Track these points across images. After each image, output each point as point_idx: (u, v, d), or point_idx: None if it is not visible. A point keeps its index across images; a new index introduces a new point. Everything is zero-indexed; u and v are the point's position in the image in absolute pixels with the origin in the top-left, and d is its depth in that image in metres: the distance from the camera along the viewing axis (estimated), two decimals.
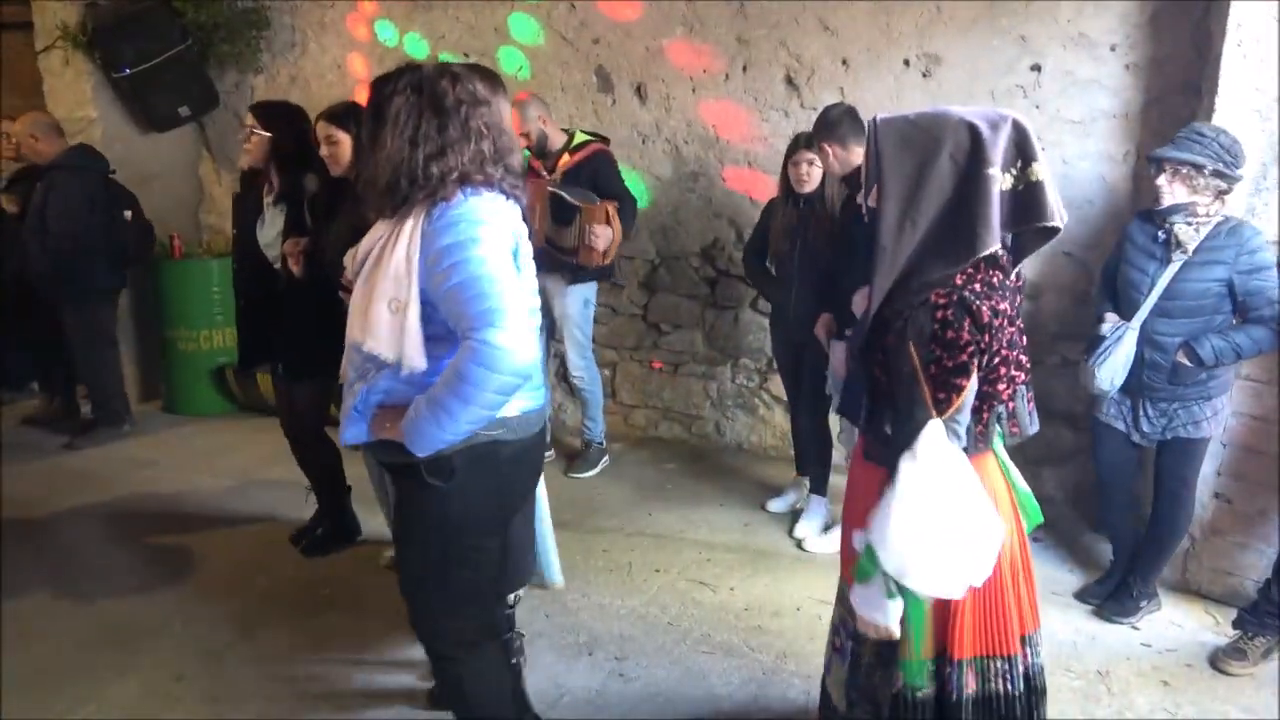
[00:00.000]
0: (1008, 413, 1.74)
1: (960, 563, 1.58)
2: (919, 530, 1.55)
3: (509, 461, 1.88)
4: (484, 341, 1.64)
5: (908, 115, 1.66)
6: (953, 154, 1.60)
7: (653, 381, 4.75)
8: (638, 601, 3.14)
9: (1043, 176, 1.63)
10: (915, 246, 1.62)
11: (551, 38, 4.53)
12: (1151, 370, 2.80)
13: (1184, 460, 2.87)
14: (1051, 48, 3.63)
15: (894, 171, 1.64)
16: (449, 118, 1.75)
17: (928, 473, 1.56)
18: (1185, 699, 2.64)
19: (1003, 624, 1.76)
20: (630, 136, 4.46)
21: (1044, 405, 3.87)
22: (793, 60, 4.09)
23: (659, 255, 4.58)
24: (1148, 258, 2.80)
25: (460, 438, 1.74)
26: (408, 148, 1.73)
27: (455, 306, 1.68)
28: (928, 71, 3.85)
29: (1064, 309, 3.83)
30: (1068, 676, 2.73)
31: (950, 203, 1.61)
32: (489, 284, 1.66)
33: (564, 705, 2.58)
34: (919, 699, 1.78)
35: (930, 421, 1.59)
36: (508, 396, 1.72)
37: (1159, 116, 3.53)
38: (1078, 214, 3.74)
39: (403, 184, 1.73)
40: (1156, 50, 3.50)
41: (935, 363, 1.61)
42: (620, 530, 3.71)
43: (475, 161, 1.76)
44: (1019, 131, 1.63)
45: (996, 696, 1.78)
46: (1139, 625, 2.99)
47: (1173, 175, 2.68)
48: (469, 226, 1.69)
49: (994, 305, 1.64)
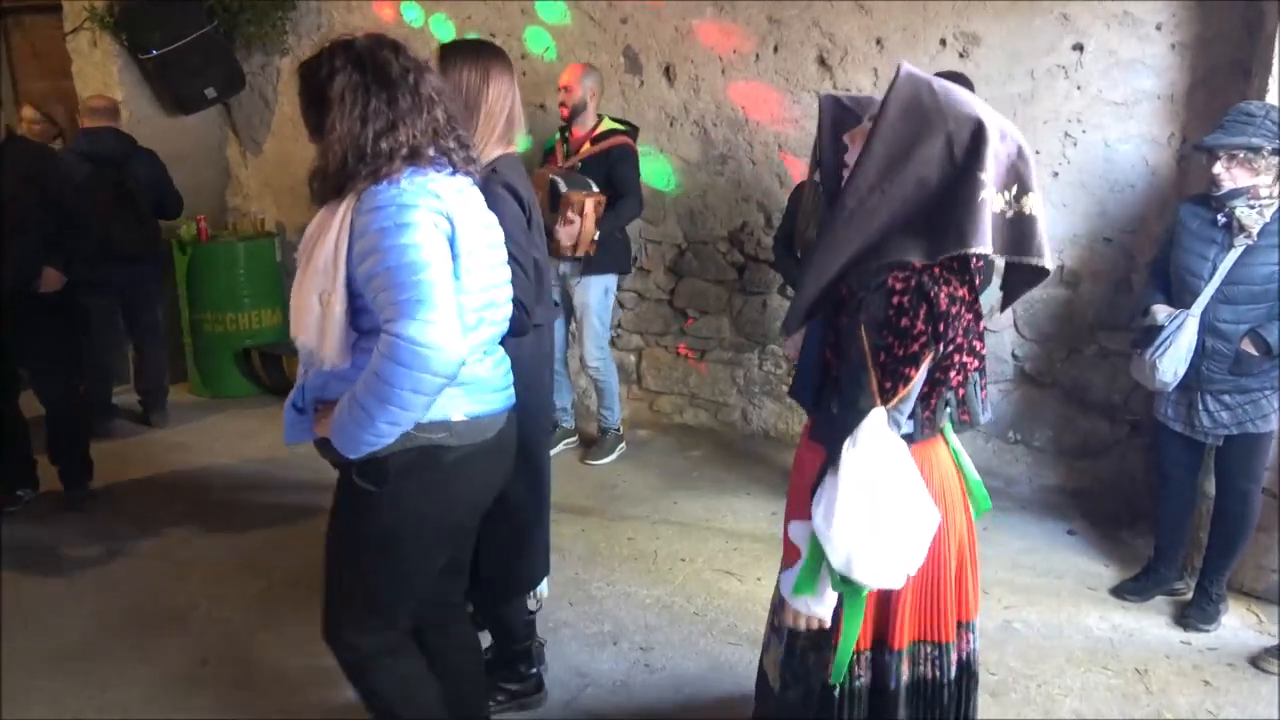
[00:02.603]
0: (957, 400, 1.67)
1: (900, 552, 1.53)
2: (863, 522, 1.50)
3: (453, 470, 1.72)
4: (398, 335, 1.51)
5: (932, 82, 1.56)
6: (950, 142, 1.51)
7: (679, 368, 4.70)
8: (663, 591, 3.11)
9: (1037, 212, 1.56)
10: (883, 221, 1.53)
11: (579, 18, 4.46)
12: (1212, 360, 2.69)
13: (1252, 456, 2.77)
14: (1095, 26, 3.52)
15: (887, 132, 1.54)
16: (397, 88, 1.64)
17: (868, 462, 1.51)
18: (1227, 700, 2.56)
19: (940, 611, 1.73)
20: (658, 118, 4.39)
21: (1080, 397, 3.82)
22: (825, 40, 4.00)
23: (686, 240, 4.51)
24: (1207, 243, 2.70)
25: (385, 440, 1.60)
26: (359, 126, 1.60)
27: (377, 296, 1.56)
28: (965, 52, 3.75)
29: (1102, 297, 3.72)
30: (1105, 674, 2.66)
31: (933, 191, 1.52)
32: (409, 273, 1.53)
33: (588, 695, 2.55)
34: (856, 688, 1.75)
35: (873, 410, 1.54)
36: (429, 397, 1.57)
37: (1205, 98, 3.42)
38: (1118, 198, 3.64)
39: (351, 164, 1.60)
40: (1204, 29, 3.38)
41: (885, 350, 1.55)
42: (645, 518, 3.67)
43: (428, 133, 1.65)
44: (1023, 158, 1.56)
45: (926, 682, 1.75)
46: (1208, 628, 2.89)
47: (1229, 160, 2.58)
48: (397, 211, 1.56)
49: (952, 291, 1.56)
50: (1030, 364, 3.91)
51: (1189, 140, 3.48)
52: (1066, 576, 3.23)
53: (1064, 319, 3.81)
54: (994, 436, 4.03)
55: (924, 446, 1.68)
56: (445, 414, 1.69)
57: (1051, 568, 3.29)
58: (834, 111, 1.71)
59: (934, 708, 1.77)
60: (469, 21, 4.71)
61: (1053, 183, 3.71)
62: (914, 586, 1.69)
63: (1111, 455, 3.83)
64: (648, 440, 4.52)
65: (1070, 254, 3.75)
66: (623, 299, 4.57)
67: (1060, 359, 3.85)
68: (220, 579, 3.14)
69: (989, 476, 3.98)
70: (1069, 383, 3.85)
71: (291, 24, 5.27)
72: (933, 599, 1.73)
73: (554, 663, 2.60)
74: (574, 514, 3.65)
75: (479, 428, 1.76)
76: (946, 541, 1.70)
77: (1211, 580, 2.90)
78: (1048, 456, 3.96)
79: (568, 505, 3.64)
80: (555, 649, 2.67)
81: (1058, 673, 2.67)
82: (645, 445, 4.45)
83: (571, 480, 3.95)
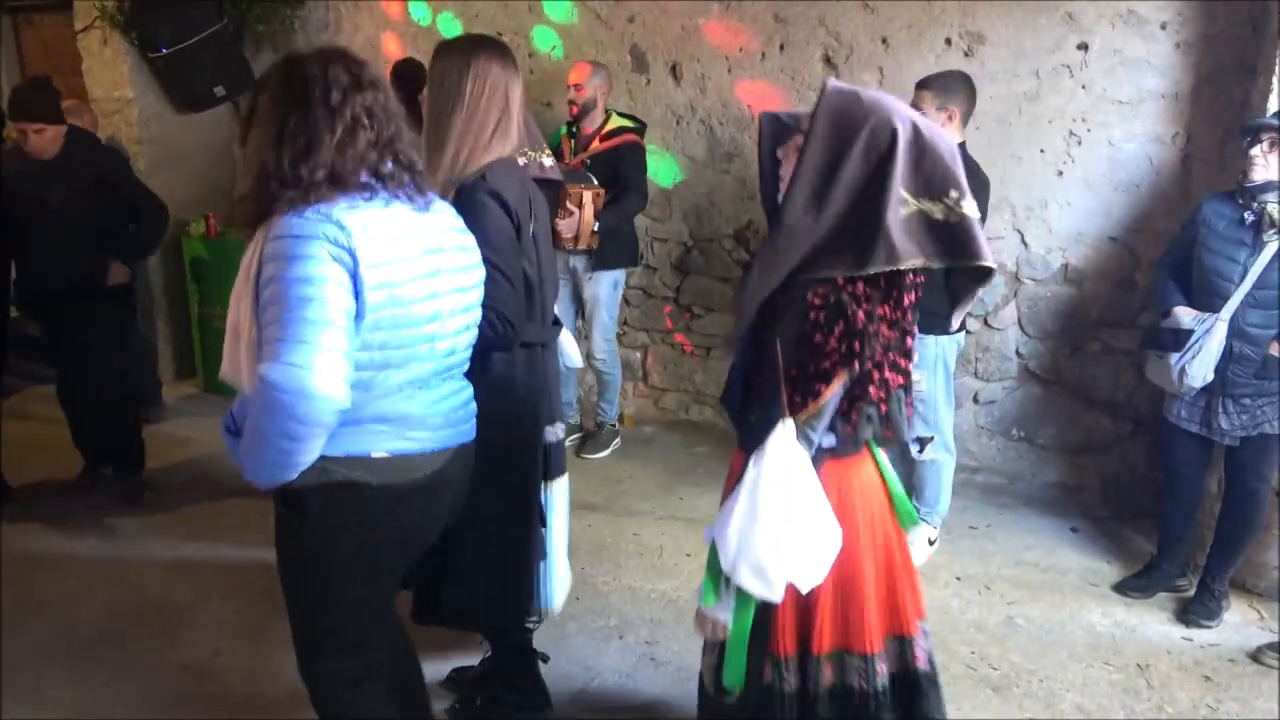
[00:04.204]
0: (879, 416, 1.65)
1: (787, 566, 1.53)
2: (751, 529, 1.52)
3: (373, 508, 1.64)
4: (262, 379, 1.44)
5: (860, 93, 1.58)
6: (866, 150, 1.52)
7: (684, 365, 4.72)
8: (668, 585, 3.13)
9: (973, 213, 1.55)
10: (816, 238, 1.54)
11: (585, 16, 4.48)
12: (1238, 364, 2.67)
13: (1264, 457, 2.77)
14: (1100, 25, 3.53)
15: (816, 146, 1.55)
16: (314, 109, 1.53)
17: (770, 473, 1.52)
18: (1228, 695, 2.58)
19: (861, 622, 1.72)
20: (664, 117, 4.41)
21: (1084, 393, 3.84)
22: (831, 39, 4.02)
23: (692, 237, 4.54)
24: (1235, 244, 2.66)
25: (288, 473, 1.54)
26: (270, 148, 1.53)
27: (262, 331, 1.50)
28: (970, 50, 3.76)
29: (1106, 295, 3.74)
30: (1107, 670, 2.68)
31: (858, 203, 1.53)
32: (289, 308, 1.44)
33: (594, 688, 2.58)
34: (785, 693, 1.75)
35: (782, 422, 1.54)
36: (303, 444, 1.49)
37: (1210, 97, 3.43)
38: (1123, 197, 3.65)
39: (271, 188, 1.52)
40: (1209, 27, 3.39)
41: (798, 365, 1.56)
42: (651, 514, 3.70)
43: (352, 156, 1.54)
44: (954, 160, 1.55)
45: (852, 691, 1.75)
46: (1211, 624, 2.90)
47: (1270, 145, 2.53)
48: (292, 243, 1.48)
49: (870, 309, 1.56)
50: (1034, 361, 3.92)
51: (1194, 139, 3.49)
52: (1069, 572, 3.25)
53: (1068, 316, 3.82)
54: (998, 434, 4.05)
55: (846, 461, 1.68)
56: (364, 450, 1.61)
57: (1054, 564, 3.31)
58: (772, 128, 1.71)
59: (863, 715, 1.75)
60: (476, 20, 4.73)
61: (1057, 181, 3.73)
62: (831, 595, 1.70)
63: (1114, 452, 3.85)
64: (653, 436, 4.55)
65: (1074, 252, 3.76)
66: (628, 296, 4.59)
67: (1064, 356, 3.87)
68: (232, 571, 3.18)
69: (993, 473, 4.03)
70: (1072, 380, 3.87)
71: (300, 22, 5.28)
72: (852, 608, 1.72)
73: (561, 656, 2.63)
74: (580, 510, 3.66)
75: (404, 466, 1.65)
76: (865, 552, 1.70)
77: (1215, 577, 2.92)
78: (1051, 453, 3.98)
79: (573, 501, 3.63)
80: (561, 643, 2.70)
81: (1060, 668, 2.69)
82: (651, 441, 4.48)
83: (577, 476, 3.92)
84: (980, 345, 3.97)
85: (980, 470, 4.06)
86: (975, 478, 4.00)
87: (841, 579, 1.68)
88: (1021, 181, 3.77)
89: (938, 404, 3.19)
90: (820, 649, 1.73)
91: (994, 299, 3.92)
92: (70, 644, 2.77)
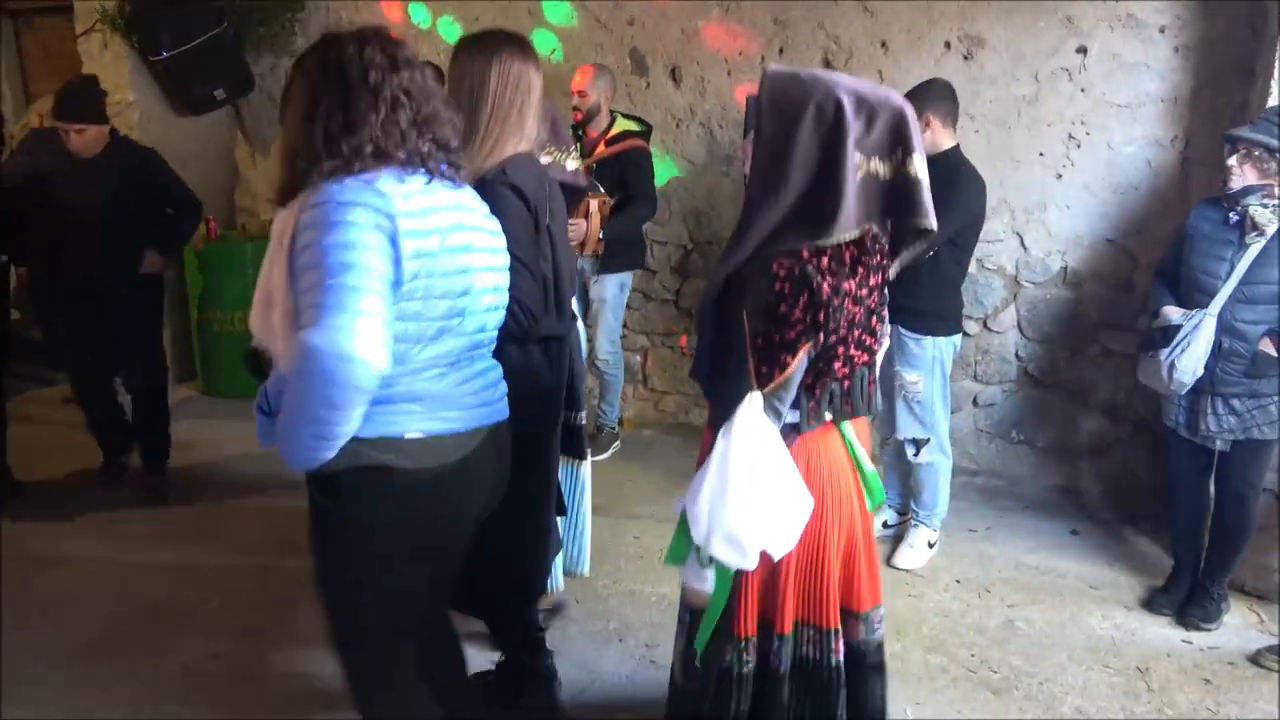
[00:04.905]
0: (842, 392, 1.70)
1: (759, 535, 1.56)
2: (722, 500, 1.55)
3: (407, 493, 1.61)
4: (304, 343, 1.41)
5: (797, 71, 1.64)
6: (815, 123, 1.58)
7: (685, 367, 4.72)
8: (669, 589, 3.13)
9: (920, 174, 1.61)
10: (784, 211, 1.61)
11: (585, 19, 4.49)
12: (1228, 362, 2.68)
13: (1254, 462, 2.78)
14: (1099, 29, 3.54)
15: (766, 132, 1.62)
16: (353, 89, 1.54)
17: (738, 444, 1.55)
18: (1228, 698, 2.58)
19: (824, 595, 1.75)
20: (664, 120, 4.42)
21: (1083, 397, 3.84)
22: (830, 42, 4.03)
23: (692, 240, 4.54)
24: (1222, 244, 2.69)
25: (324, 453, 1.51)
26: (305, 127, 1.54)
27: (300, 297, 1.48)
28: (969, 54, 3.77)
29: (1105, 297, 3.75)
30: (1106, 672, 2.68)
31: (814, 175, 1.60)
32: (329, 274, 1.43)
33: (595, 691, 2.58)
34: (742, 674, 1.77)
35: (749, 394, 1.57)
36: (343, 412, 1.45)
37: (1209, 100, 3.44)
38: (1122, 200, 3.66)
39: (300, 166, 1.54)
40: (1208, 31, 3.40)
41: (763, 335, 1.60)
42: (651, 517, 3.69)
43: (394, 133, 1.56)
44: (901, 120, 1.61)
45: (807, 662, 1.78)
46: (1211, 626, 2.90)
47: (1244, 157, 2.59)
48: (333, 209, 1.47)
49: (836, 283, 1.60)
50: (1033, 364, 3.93)
51: (1192, 143, 3.50)
52: (1069, 575, 3.25)
53: (1066, 319, 3.83)
54: (997, 437, 4.05)
55: (812, 436, 1.72)
56: (397, 430, 1.58)
57: (1054, 567, 3.31)
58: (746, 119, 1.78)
59: (815, 687, 1.78)
60: (476, 23, 4.73)
61: (1056, 184, 3.73)
62: (797, 568, 1.73)
63: (1114, 454, 3.85)
64: (653, 439, 4.55)
65: (1073, 255, 3.77)
66: (629, 299, 4.60)
67: (1063, 359, 3.87)
68: (231, 573, 3.19)
69: (992, 476, 4.03)
70: (1072, 383, 3.87)
71: (300, 25, 5.29)
72: (816, 582, 1.75)
73: (561, 659, 2.62)
74: None
75: (437, 448, 1.63)
76: (831, 528, 1.74)
77: (1212, 579, 2.92)
78: (1051, 456, 3.98)
79: None
80: (562, 646, 2.70)
81: (1060, 670, 2.69)
82: (651, 444, 4.48)
83: None
84: (979, 348, 3.98)
85: (980, 473, 4.06)
86: (975, 480, 4.00)
87: (805, 555, 1.71)
88: (1021, 185, 3.78)
89: (934, 406, 3.19)
90: (783, 628, 1.75)
91: (993, 302, 3.92)
92: (70, 645, 2.76)
